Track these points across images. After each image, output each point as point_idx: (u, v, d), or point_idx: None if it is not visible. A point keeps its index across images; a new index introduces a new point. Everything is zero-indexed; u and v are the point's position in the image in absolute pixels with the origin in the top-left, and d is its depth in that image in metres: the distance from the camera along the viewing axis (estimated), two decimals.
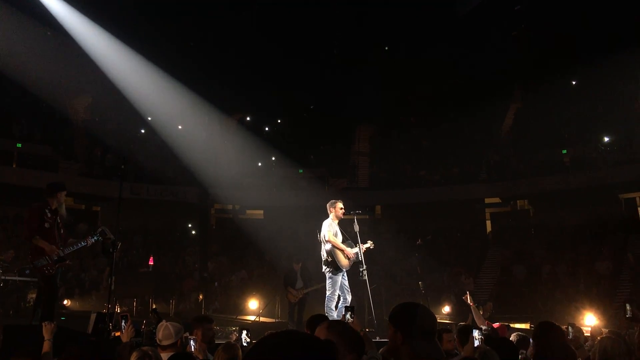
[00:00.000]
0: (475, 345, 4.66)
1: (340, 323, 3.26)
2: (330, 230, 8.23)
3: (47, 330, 4.93)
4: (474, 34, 20.67)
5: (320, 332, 2.97)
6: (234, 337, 6.70)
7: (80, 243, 7.26)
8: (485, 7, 19.03)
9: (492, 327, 8.21)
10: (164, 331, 4.53)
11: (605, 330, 6.79)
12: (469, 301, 8.53)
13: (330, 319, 7.74)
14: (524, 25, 20.23)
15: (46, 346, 4.80)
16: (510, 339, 5.58)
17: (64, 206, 7.21)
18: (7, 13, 17.11)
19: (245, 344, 5.01)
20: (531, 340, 4.32)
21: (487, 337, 4.86)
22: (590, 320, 11.82)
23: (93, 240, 7.20)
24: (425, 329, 2.52)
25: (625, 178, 19.24)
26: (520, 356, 4.83)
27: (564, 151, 21.89)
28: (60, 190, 7.20)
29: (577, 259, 18.60)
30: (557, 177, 21.00)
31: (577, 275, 17.54)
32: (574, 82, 23.15)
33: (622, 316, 9.19)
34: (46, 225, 6.90)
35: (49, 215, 6.95)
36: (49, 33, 18.11)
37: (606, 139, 21.24)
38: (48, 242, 6.80)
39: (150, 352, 3.56)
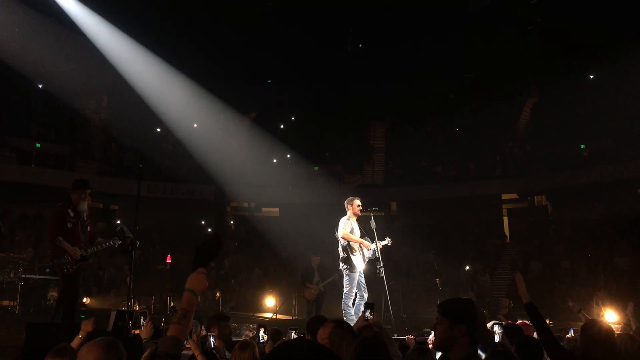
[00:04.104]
0: (496, 340, 4.60)
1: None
2: (345, 228, 8.17)
3: (86, 325, 4.58)
4: (490, 27, 20.52)
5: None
6: (251, 334, 6.70)
7: (107, 243, 7.28)
8: (501, 0, 18.89)
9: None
10: None
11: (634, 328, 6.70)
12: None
13: (348, 316, 7.77)
14: (540, 19, 20.01)
15: (76, 342, 4.43)
16: (535, 335, 5.50)
17: (86, 204, 7.17)
18: (24, 14, 17.30)
19: (262, 341, 5.01)
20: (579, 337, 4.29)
21: (508, 334, 4.77)
22: (610, 317, 11.66)
23: (120, 241, 7.20)
24: (481, 322, 2.79)
25: None
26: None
27: (582, 146, 21.62)
28: (83, 187, 7.16)
29: (596, 254, 18.38)
30: (575, 172, 20.76)
31: (597, 271, 17.33)
32: (591, 77, 22.83)
33: None
34: (69, 225, 6.85)
35: (71, 215, 6.90)
36: (65, 34, 18.25)
37: (624, 134, 20.92)
38: (71, 242, 6.81)
39: None
